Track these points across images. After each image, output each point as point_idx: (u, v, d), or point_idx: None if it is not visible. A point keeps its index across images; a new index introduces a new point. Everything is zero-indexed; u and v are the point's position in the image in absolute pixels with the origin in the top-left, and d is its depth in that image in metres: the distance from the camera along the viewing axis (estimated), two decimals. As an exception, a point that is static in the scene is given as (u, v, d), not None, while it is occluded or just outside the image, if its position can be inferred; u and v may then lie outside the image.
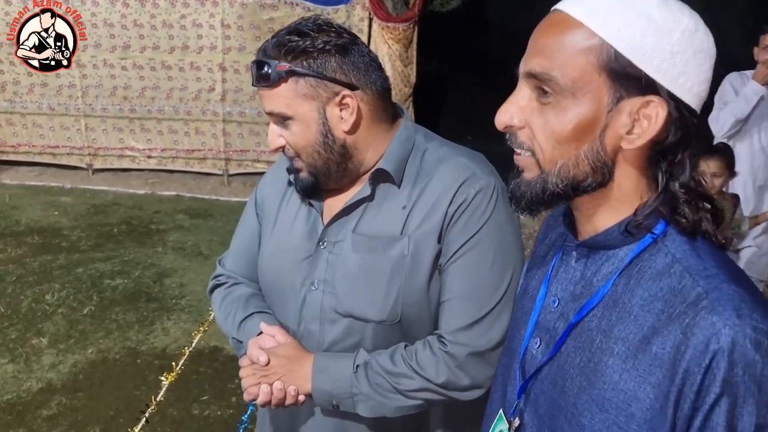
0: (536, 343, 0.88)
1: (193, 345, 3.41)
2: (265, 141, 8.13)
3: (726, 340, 0.66)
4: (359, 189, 1.22)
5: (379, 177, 1.20)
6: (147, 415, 1.79)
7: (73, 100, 7.72)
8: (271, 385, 1.17)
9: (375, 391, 1.15)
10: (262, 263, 1.33)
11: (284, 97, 1.13)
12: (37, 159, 7.97)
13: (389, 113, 1.24)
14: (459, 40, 14.18)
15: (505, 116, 0.78)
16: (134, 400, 3.09)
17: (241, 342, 1.29)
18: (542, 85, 0.75)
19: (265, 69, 1.12)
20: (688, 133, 0.74)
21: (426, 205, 1.16)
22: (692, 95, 0.74)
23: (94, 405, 3.09)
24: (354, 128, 1.17)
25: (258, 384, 1.18)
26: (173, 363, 1.65)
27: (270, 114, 1.16)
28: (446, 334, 1.16)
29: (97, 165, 7.94)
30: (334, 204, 1.24)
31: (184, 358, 1.99)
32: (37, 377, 3.30)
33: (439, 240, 1.16)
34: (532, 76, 0.76)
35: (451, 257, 1.16)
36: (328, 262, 1.21)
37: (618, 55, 0.71)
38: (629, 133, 0.74)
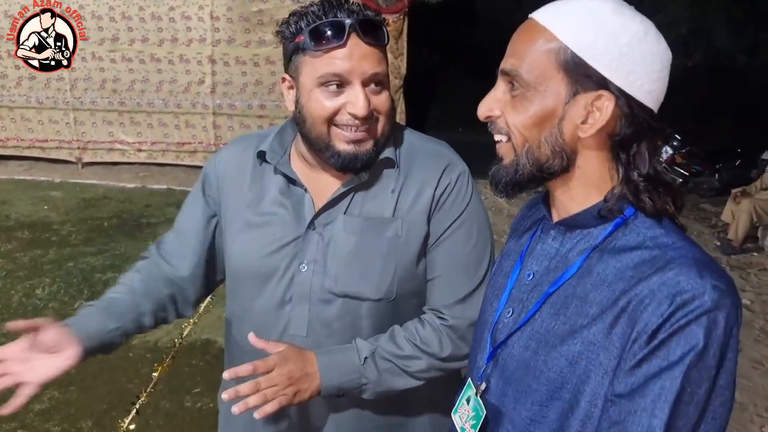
0: (509, 313, 0.96)
1: (185, 338, 3.43)
2: (256, 134, 8.12)
3: (688, 294, 0.75)
4: (353, 174, 1.23)
5: (382, 164, 1.24)
6: (138, 407, 1.81)
7: (61, 94, 7.68)
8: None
9: (383, 377, 1.20)
10: (234, 252, 1.30)
11: (387, 61, 1.18)
12: (26, 153, 7.93)
13: None
14: (449, 31, 14.17)
15: (484, 108, 0.92)
16: (127, 393, 3.10)
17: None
18: (512, 81, 0.88)
19: (379, 28, 1.14)
20: (640, 128, 0.85)
21: (413, 189, 1.22)
22: (644, 92, 0.84)
23: (87, 398, 3.09)
24: None
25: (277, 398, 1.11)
26: (165, 356, 1.66)
27: (375, 75, 1.14)
28: (443, 308, 1.22)
29: (87, 159, 7.91)
30: (324, 189, 1.25)
31: (176, 350, 1.99)
32: (28, 371, 3.29)
33: (428, 222, 1.22)
34: (505, 73, 0.89)
35: (439, 237, 1.23)
36: (319, 243, 1.22)
37: (574, 56, 0.83)
38: (584, 122, 0.85)
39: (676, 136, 8.97)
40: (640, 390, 0.76)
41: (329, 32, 1.10)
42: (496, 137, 0.92)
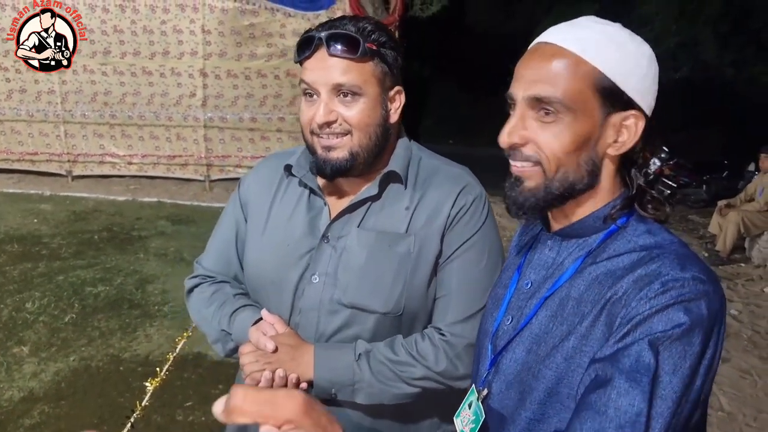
0: (508, 320, 1.00)
1: (177, 351, 3.41)
2: (246, 146, 8.13)
3: (669, 283, 0.80)
4: (366, 188, 1.28)
5: (389, 178, 1.28)
6: (132, 421, 1.80)
7: (52, 107, 7.67)
8: (273, 372, 1.20)
9: (376, 379, 1.20)
10: (252, 259, 1.35)
11: (364, 73, 1.20)
12: (16, 166, 7.90)
13: None
14: (439, 44, 14.29)
15: (510, 137, 0.92)
16: (118, 408, 3.08)
17: (230, 334, 1.31)
18: (547, 107, 0.88)
19: (350, 41, 1.18)
20: (647, 139, 0.92)
21: (429, 208, 1.25)
22: (649, 109, 0.92)
23: (78, 413, 3.07)
24: (397, 122, 1.28)
25: (261, 370, 1.21)
26: (157, 369, 1.65)
27: (338, 85, 1.19)
28: (444, 326, 1.24)
29: (77, 172, 7.89)
30: (337, 202, 1.30)
31: (168, 364, 1.98)
32: (18, 386, 3.27)
33: (441, 240, 1.25)
34: (537, 100, 0.89)
35: (449, 256, 1.25)
36: (332, 255, 1.25)
37: (606, 79, 0.87)
38: (615, 141, 0.90)
39: (664, 148, 9.06)
40: (624, 351, 0.79)
41: (303, 45, 1.21)
42: (519, 164, 0.93)
